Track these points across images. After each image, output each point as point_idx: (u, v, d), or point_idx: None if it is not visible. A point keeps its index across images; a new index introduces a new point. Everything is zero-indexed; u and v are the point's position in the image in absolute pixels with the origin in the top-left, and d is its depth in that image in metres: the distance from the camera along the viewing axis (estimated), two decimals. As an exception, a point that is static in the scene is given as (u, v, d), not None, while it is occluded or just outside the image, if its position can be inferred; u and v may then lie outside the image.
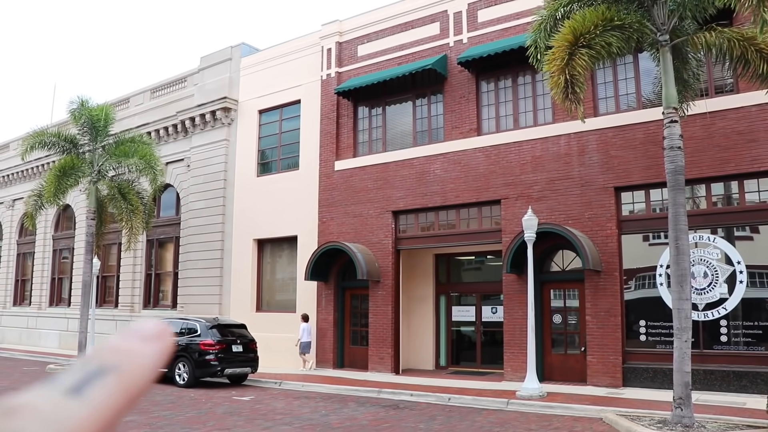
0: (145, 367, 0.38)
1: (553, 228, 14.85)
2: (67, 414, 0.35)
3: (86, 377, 0.36)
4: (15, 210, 32.85)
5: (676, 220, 10.70)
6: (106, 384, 0.36)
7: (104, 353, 0.38)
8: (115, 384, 0.36)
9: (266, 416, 11.75)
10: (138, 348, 0.38)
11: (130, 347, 0.38)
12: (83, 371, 0.37)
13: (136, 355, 0.38)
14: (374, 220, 18.72)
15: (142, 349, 0.38)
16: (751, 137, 13.68)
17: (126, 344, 0.39)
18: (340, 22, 20.57)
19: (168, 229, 24.79)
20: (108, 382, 0.36)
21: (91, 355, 0.38)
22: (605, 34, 10.73)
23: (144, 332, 0.40)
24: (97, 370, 0.36)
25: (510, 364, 15.86)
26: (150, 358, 0.38)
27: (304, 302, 19.91)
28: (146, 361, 0.38)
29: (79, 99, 21.12)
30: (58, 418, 0.34)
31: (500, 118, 17.34)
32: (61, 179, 20.32)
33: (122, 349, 0.38)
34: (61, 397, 0.35)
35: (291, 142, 21.44)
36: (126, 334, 0.40)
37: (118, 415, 0.36)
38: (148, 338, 0.39)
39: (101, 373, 0.36)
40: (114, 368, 0.37)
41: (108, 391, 0.36)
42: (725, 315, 13.71)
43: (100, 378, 0.36)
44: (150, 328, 0.40)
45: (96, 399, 0.35)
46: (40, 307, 30.13)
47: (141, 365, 0.38)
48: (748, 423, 10.26)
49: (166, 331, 0.40)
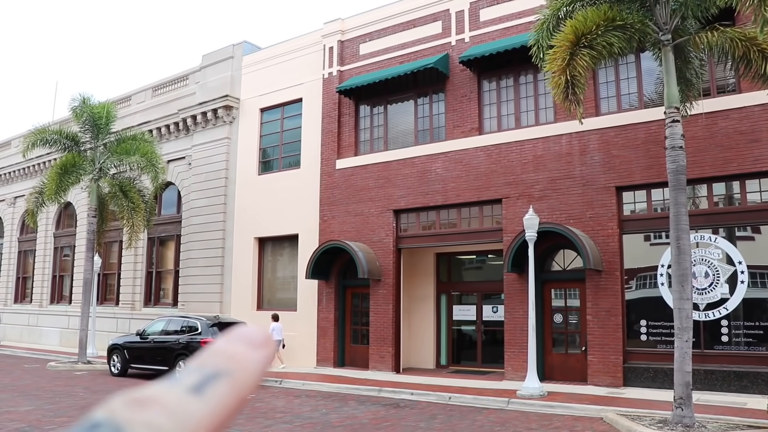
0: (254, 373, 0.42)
1: (554, 227, 14.84)
2: (190, 410, 0.39)
3: (205, 379, 0.40)
4: (16, 207, 32.89)
5: (678, 219, 10.69)
6: (222, 386, 0.40)
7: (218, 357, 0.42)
8: (230, 387, 0.40)
9: (267, 414, 11.76)
10: (248, 355, 0.42)
11: (241, 353, 0.42)
12: (202, 373, 0.41)
13: (246, 362, 0.42)
14: (375, 218, 18.72)
15: (251, 356, 0.42)
16: (753, 137, 13.66)
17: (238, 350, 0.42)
18: (342, 20, 20.57)
19: (169, 227, 24.80)
20: (223, 384, 0.40)
21: (207, 359, 0.42)
22: (607, 34, 10.72)
23: (252, 339, 0.43)
24: (214, 373, 0.41)
25: (511, 363, 15.86)
26: (258, 365, 0.42)
27: (304, 301, 19.92)
28: (255, 367, 0.42)
29: (80, 96, 21.14)
30: (183, 413, 0.38)
31: (502, 118, 17.33)
32: (62, 177, 20.35)
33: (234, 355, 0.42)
34: (185, 395, 0.39)
35: (292, 141, 21.44)
36: (236, 339, 0.43)
37: (232, 414, 0.40)
38: (256, 345, 0.43)
39: (217, 376, 0.40)
40: (228, 372, 0.41)
41: (224, 393, 0.40)
42: (726, 315, 13.70)
43: (217, 380, 0.40)
44: (258, 336, 0.44)
45: (214, 399, 0.39)
46: (41, 304, 30.17)
47: (251, 371, 0.42)
48: (748, 423, 10.26)
49: (270, 339, 0.45)
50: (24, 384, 15.96)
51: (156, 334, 17.38)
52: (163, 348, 16.81)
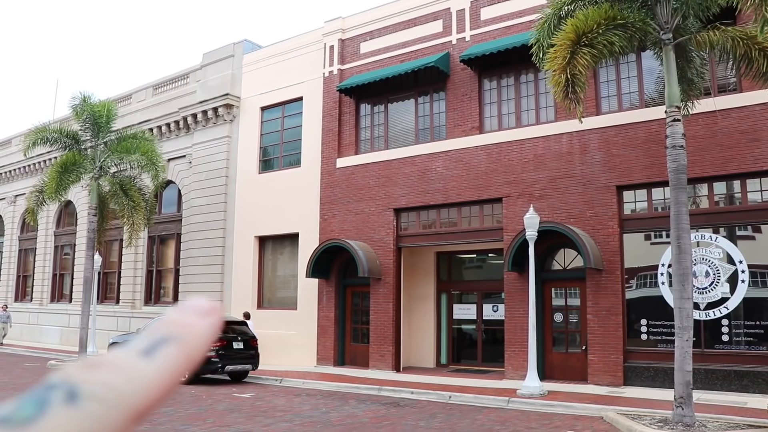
0: (201, 337, 0.45)
1: (554, 226, 14.83)
2: (141, 370, 0.41)
3: (155, 343, 0.43)
4: (17, 206, 32.89)
5: (678, 219, 10.69)
6: (171, 350, 0.43)
7: (167, 326, 0.45)
8: (178, 350, 0.43)
9: (267, 413, 11.76)
10: (195, 322, 0.46)
11: (189, 321, 0.46)
12: (152, 339, 0.44)
13: (193, 328, 0.45)
14: (376, 217, 18.72)
15: (198, 323, 0.46)
16: (753, 136, 13.65)
17: (186, 319, 0.46)
18: (342, 19, 20.55)
19: (169, 226, 24.80)
20: (172, 348, 0.43)
21: (157, 327, 0.45)
22: (608, 33, 10.71)
23: (199, 308, 0.47)
24: (163, 338, 0.44)
25: (511, 362, 15.85)
26: (205, 331, 0.46)
27: (305, 299, 19.92)
28: (202, 333, 0.45)
29: (81, 95, 21.13)
30: (134, 372, 0.41)
31: (502, 116, 17.32)
32: (62, 175, 20.33)
33: (183, 323, 0.45)
34: (136, 357, 0.42)
35: (293, 139, 21.43)
36: (183, 309, 0.47)
37: (180, 375, 0.43)
38: (204, 313, 0.47)
39: (167, 341, 0.44)
40: (177, 338, 0.44)
41: (173, 355, 0.43)
42: (727, 314, 13.69)
43: (166, 345, 0.43)
44: (204, 305, 0.47)
45: (163, 360, 0.42)
46: (41, 303, 30.18)
47: (198, 336, 0.45)
48: (749, 422, 10.26)
49: (217, 307, 0.48)
50: (24, 382, 15.96)
51: (156, 332, 17.37)
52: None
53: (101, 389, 0.40)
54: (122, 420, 0.40)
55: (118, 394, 0.40)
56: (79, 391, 0.39)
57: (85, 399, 0.39)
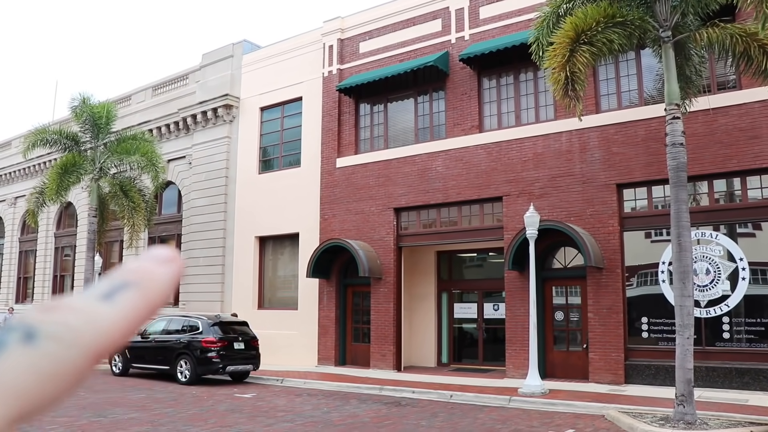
0: (161, 284, 0.45)
1: (554, 225, 14.82)
2: (100, 312, 0.42)
3: (115, 288, 0.43)
4: (17, 207, 32.90)
5: (678, 216, 10.68)
6: (130, 294, 0.43)
7: (127, 272, 0.45)
8: (138, 295, 0.44)
9: (268, 413, 11.76)
10: (155, 269, 0.46)
11: (148, 268, 0.46)
12: (111, 284, 0.44)
13: (153, 274, 0.45)
14: (376, 217, 18.71)
15: (158, 270, 0.46)
16: (753, 134, 13.65)
17: (145, 266, 0.46)
18: (341, 18, 20.55)
19: (170, 227, 24.80)
20: (132, 293, 0.43)
21: (116, 273, 0.45)
22: (607, 31, 10.70)
23: (159, 257, 0.47)
24: (123, 284, 0.44)
25: (512, 361, 15.85)
26: (165, 277, 0.46)
27: (305, 299, 19.92)
28: (162, 279, 0.46)
29: (80, 96, 21.16)
30: (93, 314, 0.41)
31: (502, 115, 17.31)
32: (63, 177, 20.34)
33: (142, 270, 0.45)
34: (95, 300, 0.42)
35: (293, 140, 21.43)
36: (143, 258, 0.47)
37: (140, 320, 0.44)
38: (163, 261, 0.47)
39: (127, 286, 0.44)
40: (136, 283, 0.44)
41: (132, 300, 0.43)
42: (727, 312, 13.69)
43: (126, 289, 0.43)
44: (164, 254, 0.48)
45: (123, 304, 0.43)
46: (42, 304, 30.14)
47: (158, 282, 0.45)
48: (750, 420, 10.26)
49: (177, 256, 0.48)
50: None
51: (157, 333, 17.37)
52: (165, 347, 16.80)
53: (59, 329, 0.40)
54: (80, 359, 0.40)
55: (76, 334, 0.40)
56: (37, 332, 0.40)
57: (43, 338, 0.40)
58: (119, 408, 11.94)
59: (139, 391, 14.58)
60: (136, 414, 11.37)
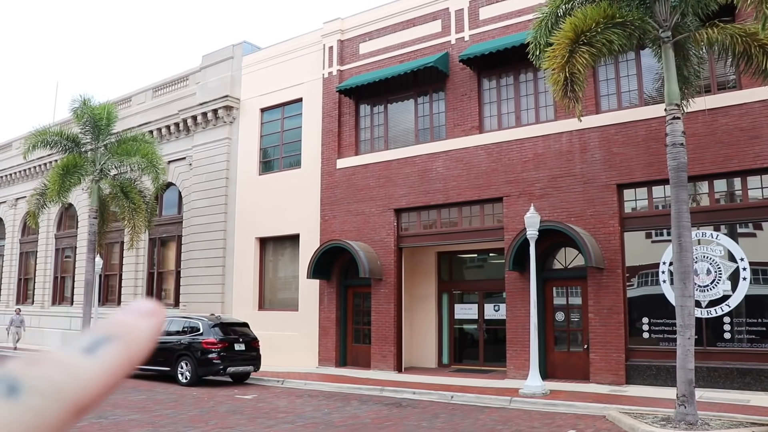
0: (143, 338, 0.46)
1: (555, 225, 14.82)
2: (82, 366, 0.42)
3: (97, 342, 0.44)
4: (18, 209, 32.91)
5: (679, 217, 10.68)
6: (112, 348, 0.44)
7: (110, 326, 0.46)
8: (120, 348, 0.44)
9: (269, 415, 11.76)
10: (137, 322, 0.47)
11: (131, 321, 0.47)
12: (94, 337, 0.44)
13: (135, 328, 0.46)
14: (376, 218, 18.71)
15: (140, 323, 0.47)
16: (753, 134, 13.64)
17: (127, 319, 0.47)
18: (341, 20, 20.55)
19: (170, 228, 24.81)
20: (114, 346, 0.44)
21: (99, 327, 0.46)
22: (606, 32, 10.70)
23: (141, 310, 0.48)
24: (105, 337, 0.44)
25: (513, 361, 15.84)
26: (147, 331, 0.47)
27: (306, 301, 19.92)
28: (144, 333, 0.46)
29: (81, 98, 21.16)
30: (75, 368, 0.42)
31: (502, 116, 17.32)
32: (63, 178, 20.34)
33: (124, 323, 0.46)
34: (78, 354, 0.43)
35: (293, 141, 21.44)
36: (126, 311, 0.48)
37: (122, 373, 0.44)
38: (145, 315, 0.48)
39: (109, 340, 0.44)
40: (119, 337, 0.45)
41: (114, 354, 0.44)
42: (728, 312, 13.68)
43: (108, 343, 0.44)
44: (146, 307, 0.48)
45: (105, 359, 0.43)
46: (42, 306, 30.18)
47: (140, 336, 0.46)
48: (751, 420, 10.25)
49: (159, 309, 0.49)
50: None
51: (158, 334, 17.36)
52: (165, 349, 16.78)
53: (42, 383, 0.41)
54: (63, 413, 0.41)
55: (58, 388, 0.41)
56: (20, 385, 0.40)
57: (26, 392, 0.40)
58: (119, 409, 11.93)
59: (139, 393, 14.57)
60: (136, 415, 11.37)
